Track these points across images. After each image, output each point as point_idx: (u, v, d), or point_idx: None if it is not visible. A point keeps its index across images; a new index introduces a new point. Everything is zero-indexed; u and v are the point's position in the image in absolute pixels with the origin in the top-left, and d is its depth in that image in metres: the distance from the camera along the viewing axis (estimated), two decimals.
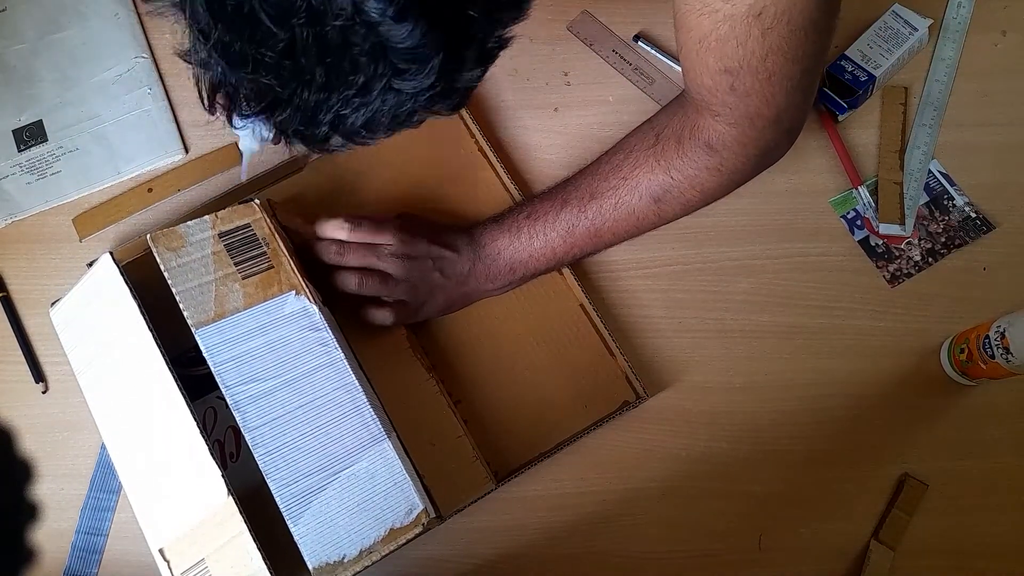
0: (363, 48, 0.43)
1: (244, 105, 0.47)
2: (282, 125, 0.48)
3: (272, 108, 0.46)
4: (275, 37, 0.42)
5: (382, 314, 0.69)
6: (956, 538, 0.69)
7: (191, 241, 0.63)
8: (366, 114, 0.46)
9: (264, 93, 0.45)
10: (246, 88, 0.46)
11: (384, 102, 0.46)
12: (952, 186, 0.77)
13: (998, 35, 0.81)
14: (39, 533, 0.39)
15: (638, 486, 0.70)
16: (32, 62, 0.82)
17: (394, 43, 0.43)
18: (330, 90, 0.45)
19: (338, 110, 0.46)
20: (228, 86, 0.46)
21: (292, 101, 0.45)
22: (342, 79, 0.44)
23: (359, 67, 0.44)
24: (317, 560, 0.56)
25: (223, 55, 0.44)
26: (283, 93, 0.45)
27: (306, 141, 0.49)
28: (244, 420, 0.58)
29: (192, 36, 0.45)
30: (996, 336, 0.65)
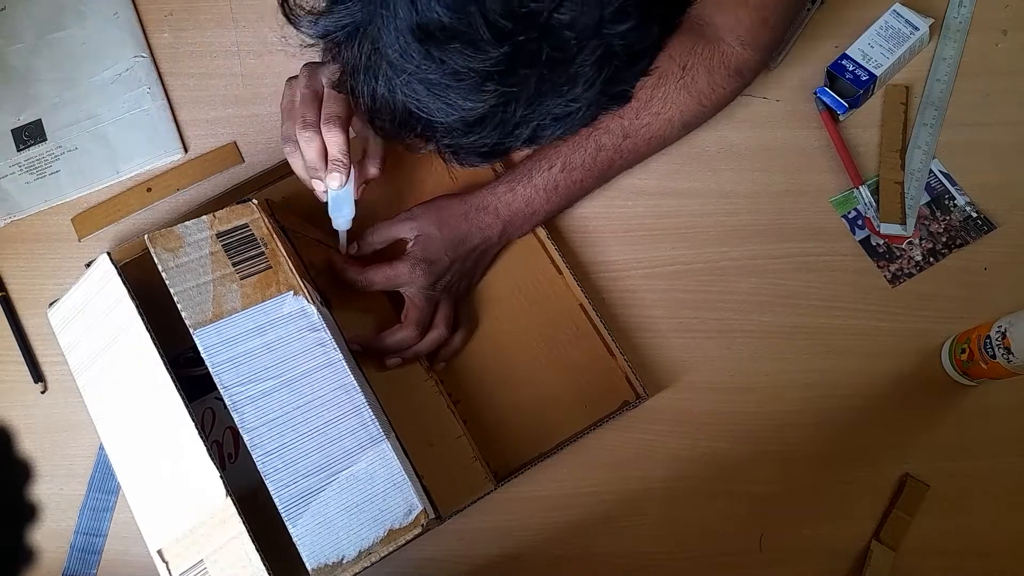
0: (590, 60, 0.42)
1: (429, 131, 0.45)
2: (470, 146, 0.46)
3: (467, 129, 0.45)
4: (490, 53, 0.40)
5: (461, 337, 0.71)
6: (957, 538, 0.69)
7: (189, 241, 0.63)
8: (565, 125, 0.46)
9: (460, 114, 0.44)
10: (438, 113, 0.44)
11: (587, 110, 0.45)
12: (953, 186, 0.77)
13: (999, 35, 0.81)
14: (38, 533, 0.39)
15: (638, 486, 0.70)
16: (31, 61, 0.81)
17: (623, 51, 0.42)
18: (538, 103, 0.44)
19: (539, 122, 0.45)
20: (412, 112, 0.44)
21: (493, 118, 0.44)
22: (556, 91, 0.43)
23: (579, 78, 0.43)
24: (316, 561, 0.56)
25: (421, 79, 0.42)
26: (484, 110, 0.43)
27: (486, 157, 0.48)
28: (242, 421, 0.58)
29: (369, 64, 0.43)
30: (997, 336, 0.65)
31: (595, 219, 0.77)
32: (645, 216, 0.77)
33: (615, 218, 0.77)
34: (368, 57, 0.43)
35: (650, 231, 0.76)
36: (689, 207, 0.77)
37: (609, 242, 0.76)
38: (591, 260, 0.75)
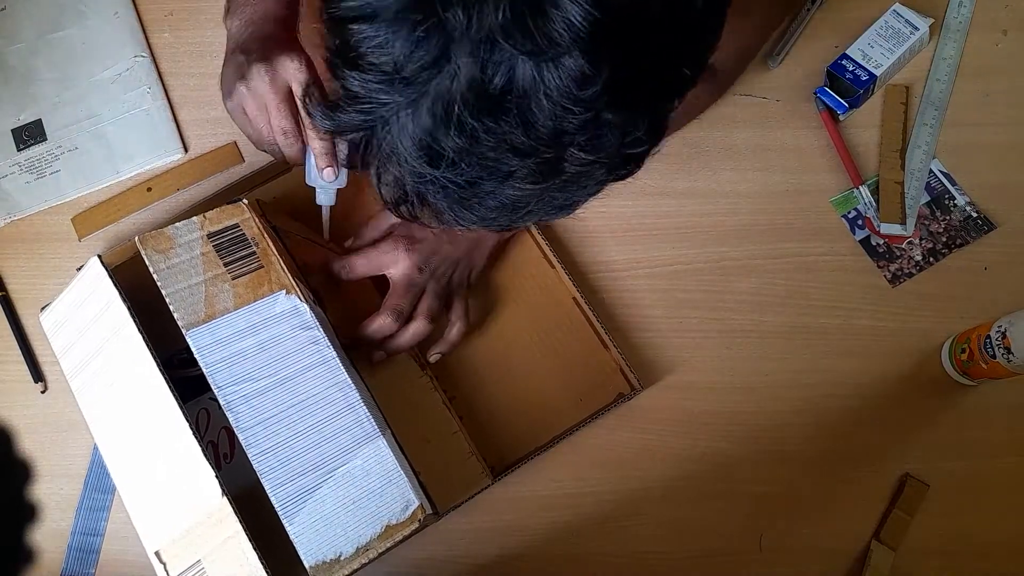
0: (601, 172, 0.44)
1: (437, 213, 0.46)
2: (475, 225, 0.47)
3: (482, 221, 0.46)
4: (510, 165, 0.42)
5: (457, 330, 0.69)
6: (957, 538, 0.69)
7: (180, 243, 0.63)
8: (568, 212, 0.48)
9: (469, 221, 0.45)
10: (452, 206, 0.45)
11: (591, 197, 0.47)
12: (953, 185, 0.77)
13: (999, 34, 0.81)
14: (38, 533, 0.39)
15: (638, 486, 0.70)
16: (31, 61, 0.81)
17: (637, 156, 0.45)
18: (550, 200, 0.45)
19: (544, 213, 0.47)
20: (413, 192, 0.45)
21: (504, 213, 0.45)
22: (566, 189, 0.45)
23: (592, 177, 0.45)
24: (313, 558, 0.56)
25: (428, 185, 0.43)
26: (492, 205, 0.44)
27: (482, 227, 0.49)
28: (237, 420, 0.58)
29: (382, 158, 0.44)
30: (997, 336, 0.65)
31: (595, 219, 0.77)
32: (645, 216, 0.77)
33: (615, 218, 0.77)
34: (386, 150, 0.43)
35: (650, 231, 0.76)
36: (689, 207, 0.77)
37: (609, 242, 0.76)
38: (591, 260, 0.75)
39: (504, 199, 0.44)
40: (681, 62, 0.43)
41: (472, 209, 0.45)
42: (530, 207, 0.45)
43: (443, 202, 0.45)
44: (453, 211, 0.46)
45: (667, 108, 0.45)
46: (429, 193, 0.45)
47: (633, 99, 0.42)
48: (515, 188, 0.43)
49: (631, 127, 0.42)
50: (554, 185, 0.44)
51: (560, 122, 0.40)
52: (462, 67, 0.39)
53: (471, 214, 0.45)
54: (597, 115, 0.40)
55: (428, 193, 0.45)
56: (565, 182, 0.44)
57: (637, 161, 0.46)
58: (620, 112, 0.41)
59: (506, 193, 0.44)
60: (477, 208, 0.45)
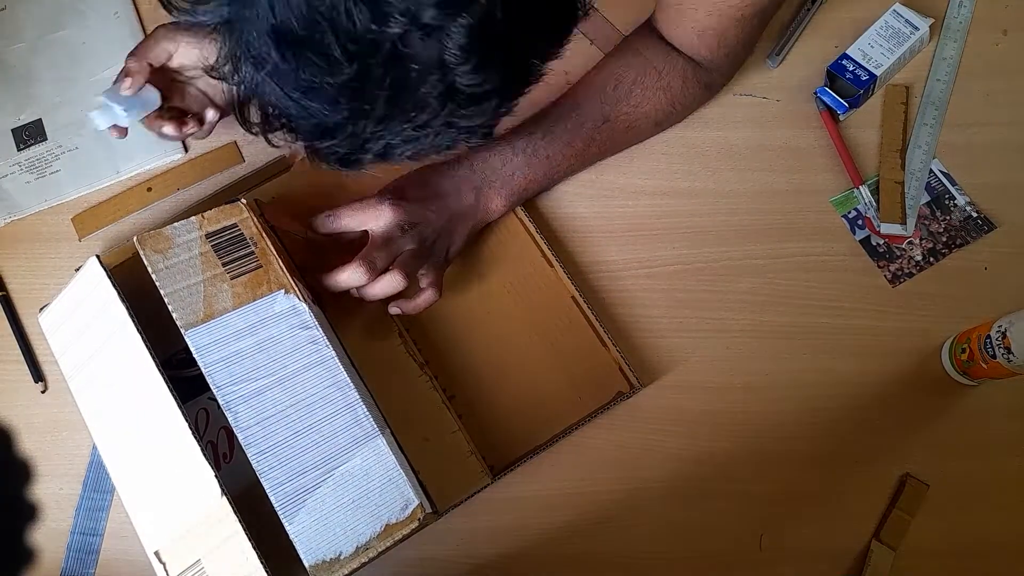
0: (434, 92, 0.44)
1: (285, 126, 0.48)
2: (324, 151, 0.48)
3: (320, 135, 0.47)
4: (342, 68, 0.42)
5: (426, 297, 0.69)
6: (957, 538, 0.69)
7: (178, 242, 0.63)
8: (415, 147, 0.48)
9: (313, 120, 0.46)
10: (295, 114, 0.46)
11: (437, 137, 0.48)
12: (953, 185, 0.77)
13: (999, 34, 0.81)
14: (38, 533, 0.39)
15: (638, 486, 0.70)
16: (31, 61, 0.82)
17: (465, 89, 0.45)
18: (387, 123, 0.46)
19: (388, 141, 0.47)
20: (272, 108, 0.47)
21: (343, 129, 0.46)
22: (404, 115, 0.46)
23: (425, 107, 0.45)
24: (313, 558, 0.56)
25: (276, 81, 0.44)
26: (334, 119, 0.45)
27: (341, 163, 0.50)
28: (236, 420, 0.58)
29: (236, 57, 0.45)
30: (997, 336, 0.65)
31: (595, 219, 0.77)
32: (645, 216, 0.77)
33: (615, 218, 0.77)
34: (234, 50, 0.45)
35: (650, 231, 0.76)
36: (689, 207, 0.77)
37: (609, 242, 0.76)
38: (591, 260, 0.75)
39: (338, 116, 0.45)
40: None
41: (312, 113, 0.45)
42: (368, 131, 0.46)
43: (284, 113, 0.46)
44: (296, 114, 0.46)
45: (501, 27, 0.44)
46: (271, 102, 0.45)
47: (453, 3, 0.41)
48: (343, 105, 0.44)
49: (450, 31, 0.42)
50: (386, 103, 0.44)
51: (370, 19, 0.40)
52: None
53: (312, 119, 0.46)
54: (411, 12, 0.41)
55: (270, 102, 0.46)
56: (395, 102, 0.44)
57: (476, 90, 0.45)
58: (437, 8, 0.41)
59: (337, 110, 0.44)
60: (312, 126, 0.46)
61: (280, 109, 0.46)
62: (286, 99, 0.45)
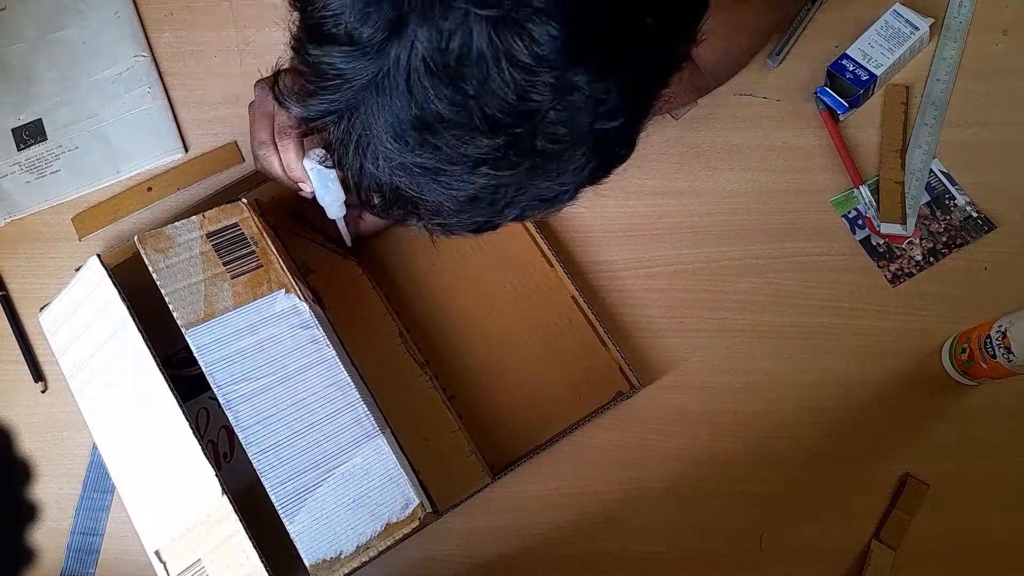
0: (582, 150, 0.42)
1: (415, 206, 0.45)
2: (459, 224, 0.46)
3: (458, 209, 0.44)
4: (485, 141, 0.40)
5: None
6: (957, 538, 0.69)
7: (179, 242, 0.63)
8: (551, 206, 0.46)
9: (450, 192, 0.43)
10: (430, 193, 0.43)
11: (574, 193, 0.45)
12: (953, 185, 0.77)
13: (999, 35, 0.81)
14: (38, 533, 0.39)
15: (638, 486, 0.70)
16: (32, 61, 0.81)
17: (615, 142, 0.43)
18: (530, 187, 0.44)
19: (527, 203, 0.45)
20: (410, 194, 0.44)
21: (483, 200, 0.44)
22: (547, 176, 0.43)
23: (570, 164, 0.43)
24: (314, 557, 0.56)
25: (411, 167, 0.42)
26: (474, 192, 0.43)
27: (477, 230, 0.47)
28: (236, 419, 0.58)
29: (359, 147, 0.43)
30: (997, 336, 0.65)
31: (594, 219, 0.77)
32: (645, 216, 0.77)
33: (615, 218, 0.77)
34: (359, 138, 0.42)
35: (650, 231, 0.76)
36: (689, 207, 0.77)
37: (608, 242, 0.76)
38: (590, 260, 0.75)
39: (479, 187, 0.43)
40: (659, 27, 0.42)
41: (446, 201, 0.44)
42: (509, 196, 0.44)
43: (417, 195, 0.43)
44: (428, 204, 0.44)
45: (644, 74, 0.43)
46: (402, 184, 0.43)
47: (604, 63, 0.40)
48: (489, 174, 0.42)
49: (604, 94, 0.40)
50: (530, 170, 0.42)
51: (524, 88, 0.38)
52: (418, 32, 0.37)
53: (446, 206, 0.44)
54: (563, 77, 0.39)
55: (402, 184, 0.43)
56: (541, 166, 0.42)
57: (620, 141, 0.44)
58: (589, 76, 0.39)
59: (480, 181, 0.42)
60: (451, 200, 0.43)
61: (411, 190, 0.44)
62: (421, 179, 0.43)
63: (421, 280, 0.74)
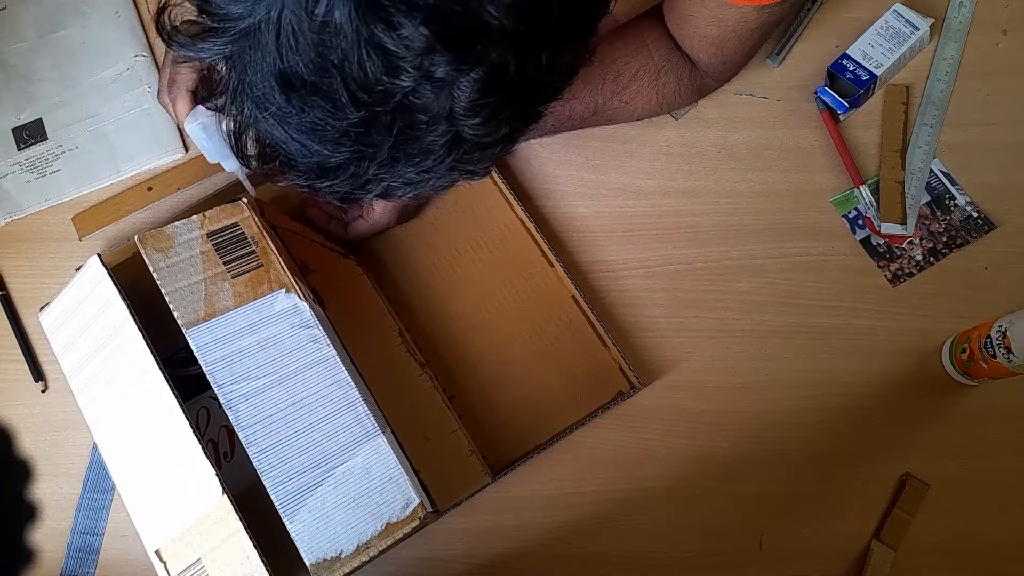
0: (440, 140, 0.44)
1: (283, 164, 0.47)
2: (323, 189, 0.47)
3: (320, 175, 0.46)
4: (348, 114, 0.42)
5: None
6: (957, 538, 0.69)
7: (179, 241, 0.63)
8: (416, 189, 0.47)
9: (315, 160, 0.45)
10: (295, 153, 0.45)
11: (439, 180, 0.47)
12: (954, 185, 0.77)
13: (999, 34, 0.81)
14: (38, 533, 0.39)
15: (638, 486, 0.70)
16: (32, 60, 0.82)
17: (473, 138, 0.44)
18: (391, 167, 0.45)
19: (390, 183, 0.47)
20: (271, 145, 0.46)
21: (346, 171, 0.45)
22: (408, 160, 0.45)
23: (430, 153, 0.44)
24: (314, 556, 0.56)
25: (279, 121, 0.43)
26: (336, 160, 0.45)
27: (340, 201, 0.49)
28: (237, 418, 0.58)
29: (236, 93, 0.44)
30: (998, 336, 0.65)
31: (595, 219, 0.77)
32: (645, 216, 0.77)
33: (615, 218, 0.77)
34: (236, 87, 0.44)
35: (650, 231, 0.76)
36: (689, 207, 0.77)
37: (609, 242, 0.76)
38: (590, 260, 0.75)
39: (341, 157, 0.44)
40: (532, 32, 0.42)
41: (314, 154, 0.45)
42: (371, 172, 0.45)
43: (284, 149, 0.45)
44: (294, 162, 0.45)
45: (514, 78, 0.43)
46: (273, 138, 0.44)
47: (465, 52, 0.40)
48: (348, 147, 0.43)
49: (463, 83, 0.41)
50: (392, 148, 0.43)
51: (382, 70, 0.39)
52: None
53: (312, 171, 0.45)
54: (421, 63, 0.39)
55: (272, 138, 0.45)
56: (401, 147, 0.44)
57: (484, 136, 0.44)
58: (448, 64, 0.40)
59: (340, 151, 0.44)
60: (313, 165, 0.45)
61: (280, 147, 0.46)
62: (287, 138, 0.44)
63: (421, 280, 0.74)
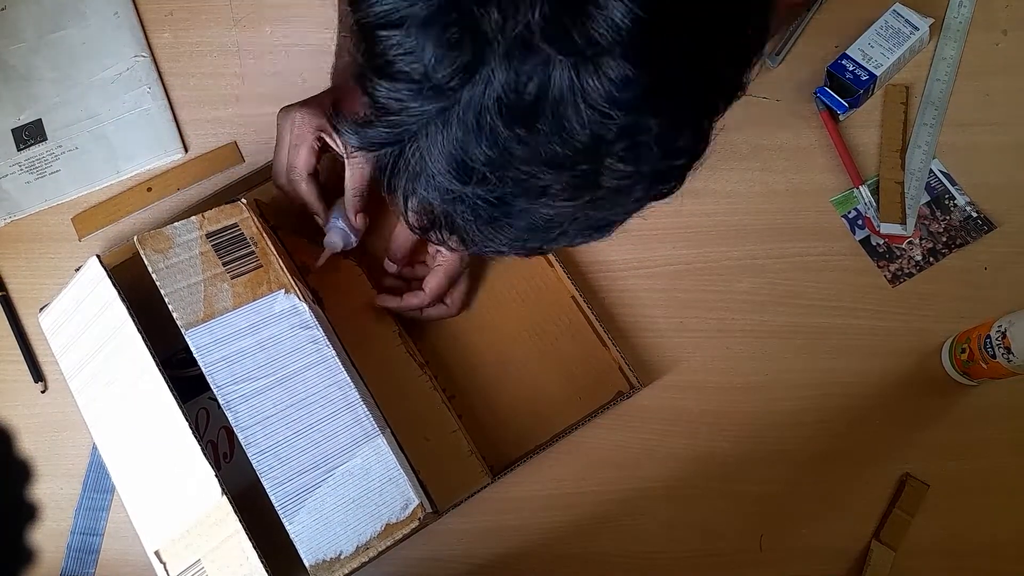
0: (638, 194, 0.42)
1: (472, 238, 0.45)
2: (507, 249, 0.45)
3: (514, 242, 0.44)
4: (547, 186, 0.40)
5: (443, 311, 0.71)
6: (957, 538, 0.69)
7: (178, 242, 0.63)
8: (603, 234, 0.46)
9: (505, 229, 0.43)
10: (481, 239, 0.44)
11: (620, 223, 0.46)
12: (953, 185, 0.77)
13: (999, 34, 0.81)
14: (38, 533, 0.39)
15: (638, 486, 0.70)
16: (32, 61, 0.82)
17: (670, 163, 0.42)
18: (586, 219, 0.43)
19: (580, 231, 0.45)
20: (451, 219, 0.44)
21: (538, 231, 0.43)
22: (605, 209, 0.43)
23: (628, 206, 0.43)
24: (313, 557, 0.56)
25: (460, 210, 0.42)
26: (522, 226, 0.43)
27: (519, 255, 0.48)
28: (236, 419, 0.58)
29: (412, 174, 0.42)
30: (997, 336, 0.65)
31: None
32: (645, 216, 0.75)
33: None
34: (413, 167, 0.42)
35: (650, 231, 0.76)
36: (689, 207, 0.77)
37: (608, 242, 0.76)
38: (590, 260, 0.75)
39: (537, 218, 0.42)
40: (727, 65, 0.41)
41: (502, 230, 0.43)
42: (564, 227, 0.43)
43: (472, 223, 0.43)
44: (483, 232, 0.43)
45: (712, 116, 0.43)
46: (458, 214, 0.43)
47: (676, 105, 0.39)
48: (549, 205, 0.41)
49: (673, 136, 0.40)
50: (590, 202, 0.42)
51: (598, 130, 0.38)
52: (496, 73, 0.37)
53: (501, 235, 0.43)
54: (637, 121, 0.38)
55: (457, 214, 0.43)
56: (601, 199, 0.42)
57: (678, 176, 0.44)
58: (662, 118, 0.39)
59: (539, 212, 0.42)
60: (508, 229, 0.43)
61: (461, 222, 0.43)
62: (474, 215, 0.42)
63: None
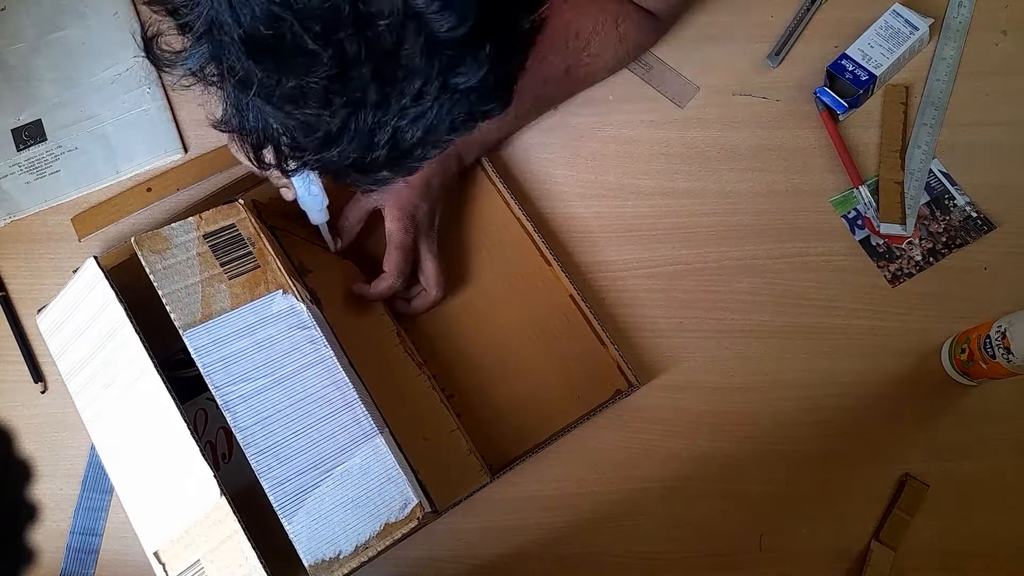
0: (414, 48, 0.42)
1: (296, 152, 0.46)
2: (338, 160, 0.46)
3: (327, 144, 0.45)
4: (320, 59, 0.41)
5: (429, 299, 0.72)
6: (957, 538, 0.69)
7: (176, 243, 0.63)
8: (424, 124, 0.45)
9: (315, 129, 0.44)
10: (297, 131, 0.44)
11: (441, 106, 0.45)
12: (953, 185, 0.77)
13: (999, 35, 0.81)
14: (38, 533, 0.39)
15: (638, 486, 0.70)
16: (31, 61, 0.82)
17: (444, 34, 0.42)
18: (385, 105, 0.44)
19: (395, 125, 0.45)
20: (276, 136, 0.45)
21: (347, 129, 0.44)
22: (396, 88, 0.43)
23: (413, 71, 0.42)
24: (313, 557, 0.56)
25: (267, 99, 0.43)
26: (335, 122, 0.44)
27: (362, 172, 0.48)
28: (235, 420, 0.58)
29: (227, 96, 0.44)
30: (997, 336, 0.65)
31: (594, 219, 0.77)
32: (645, 216, 0.77)
33: (614, 218, 0.77)
34: (223, 82, 0.43)
35: (650, 231, 0.76)
36: (689, 207, 0.77)
37: (608, 242, 0.76)
38: (590, 260, 0.75)
39: (336, 119, 0.43)
40: None
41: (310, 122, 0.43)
42: (368, 122, 0.44)
43: (279, 117, 0.44)
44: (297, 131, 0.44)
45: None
46: (267, 113, 0.43)
47: None
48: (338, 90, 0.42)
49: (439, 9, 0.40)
50: (372, 78, 0.42)
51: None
52: None
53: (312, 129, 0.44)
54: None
55: (267, 114, 0.44)
56: (381, 73, 0.42)
57: (455, 36, 0.42)
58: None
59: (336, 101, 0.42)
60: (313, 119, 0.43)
61: (283, 132, 0.45)
62: (283, 117, 0.43)
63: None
